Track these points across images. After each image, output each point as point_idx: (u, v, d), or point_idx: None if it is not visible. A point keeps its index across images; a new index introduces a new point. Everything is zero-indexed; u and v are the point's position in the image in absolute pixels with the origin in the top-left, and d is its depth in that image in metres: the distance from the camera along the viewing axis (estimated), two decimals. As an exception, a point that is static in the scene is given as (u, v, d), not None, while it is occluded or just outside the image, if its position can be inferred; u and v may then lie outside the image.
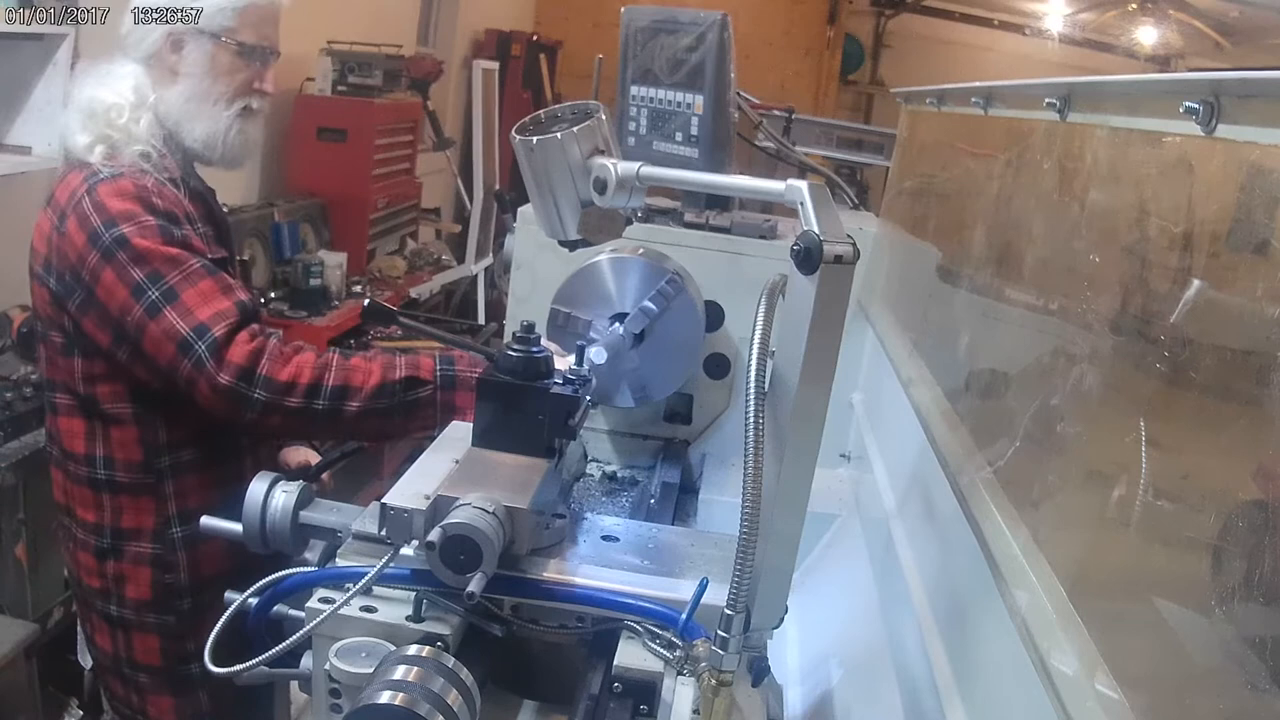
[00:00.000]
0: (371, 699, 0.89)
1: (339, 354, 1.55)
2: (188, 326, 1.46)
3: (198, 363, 1.46)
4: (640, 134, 1.98)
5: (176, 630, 1.69)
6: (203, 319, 1.47)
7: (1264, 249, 0.75)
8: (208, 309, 1.48)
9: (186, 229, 1.55)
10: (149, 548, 1.66)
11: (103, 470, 1.64)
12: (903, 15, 8.67)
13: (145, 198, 1.52)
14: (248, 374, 1.46)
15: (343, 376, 1.51)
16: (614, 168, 1.13)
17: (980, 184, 1.72)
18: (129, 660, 1.71)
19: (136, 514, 1.65)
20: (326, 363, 1.51)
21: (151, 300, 1.47)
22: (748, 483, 0.91)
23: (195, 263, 1.51)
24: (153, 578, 1.67)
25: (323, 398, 1.49)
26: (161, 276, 1.48)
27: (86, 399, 1.61)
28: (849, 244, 0.92)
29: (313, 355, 1.52)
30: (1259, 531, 0.67)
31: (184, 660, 1.70)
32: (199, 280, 1.50)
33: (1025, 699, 0.90)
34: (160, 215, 1.51)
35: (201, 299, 1.48)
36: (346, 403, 1.50)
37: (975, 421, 1.37)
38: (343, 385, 1.50)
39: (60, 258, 1.53)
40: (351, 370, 1.52)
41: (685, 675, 0.98)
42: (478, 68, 6.22)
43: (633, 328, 1.64)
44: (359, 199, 4.65)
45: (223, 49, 1.61)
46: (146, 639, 1.69)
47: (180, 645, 1.70)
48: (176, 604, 1.69)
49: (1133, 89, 1.03)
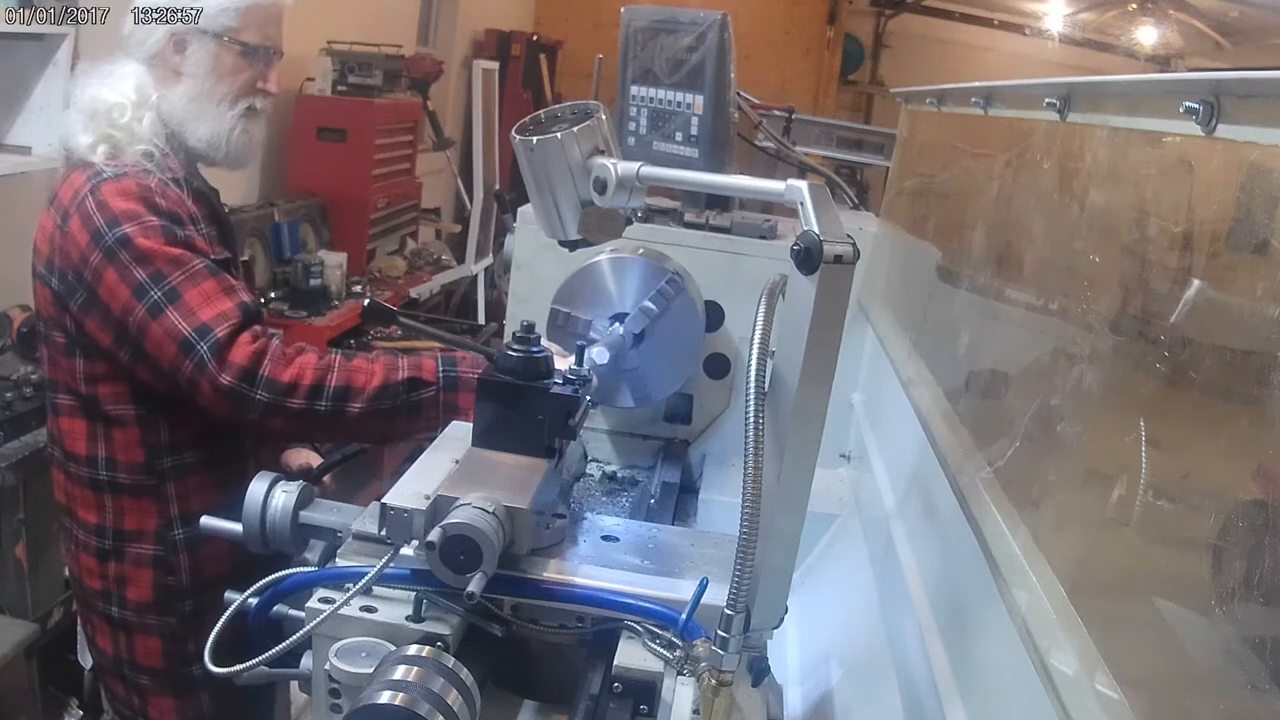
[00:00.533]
0: (371, 699, 0.89)
1: (341, 355, 1.55)
2: (190, 327, 1.46)
3: (199, 363, 1.46)
4: (640, 134, 1.98)
5: (178, 632, 1.69)
6: (205, 319, 1.47)
7: (1264, 249, 0.75)
8: (210, 309, 1.48)
9: (189, 229, 1.55)
10: (151, 549, 1.66)
11: (104, 471, 1.63)
12: (903, 15, 8.67)
13: (149, 198, 1.52)
14: (250, 375, 1.46)
15: (345, 378, 1.51)
16: (614, 168, 1.13)
17: (980, 184, 1.72)
18: (130, 662, 1.71)
19: (138, 515, 1.65)
20: (329, 364, 1.51)
21: (154, 300, 1.47)
22: (748, 483, 0.91)
23: (198, 263, 1.51)
24: (154, 579, 1.67)
25: (325, 399, 1.49)
26: (164, 277, 1.48)
27: (88, 399, 1.61)
28: (849, 244, 0.92)
29: (315, 356, 1.52)
30: (1259, 531, 0.67)
31: (185, 662, 1.70)
32: (202, 280, 1.50)
33: (1025, 699, 0.90)
34: (163, 215, 1.51)
35: (204, 299, 1.48)
36: (349, 404, 1.50)
37: (975, 421, 1.37)
38: (345, 386, 1.50)
39: (63, 257, 1.53)
40: (354, 371, 1.52)
41: (685, 675, 0.98)
42: (478, 68, 6.22)
43: (633, 328, 1.64)
44: (359, 199, 4.65)
45: (225, 49, 1.61)
46: (148, 641, 1.69)
47: (182, 647, 1.70)
48: (178, 606, 1.68)
49: (1133, 89, 1.03)
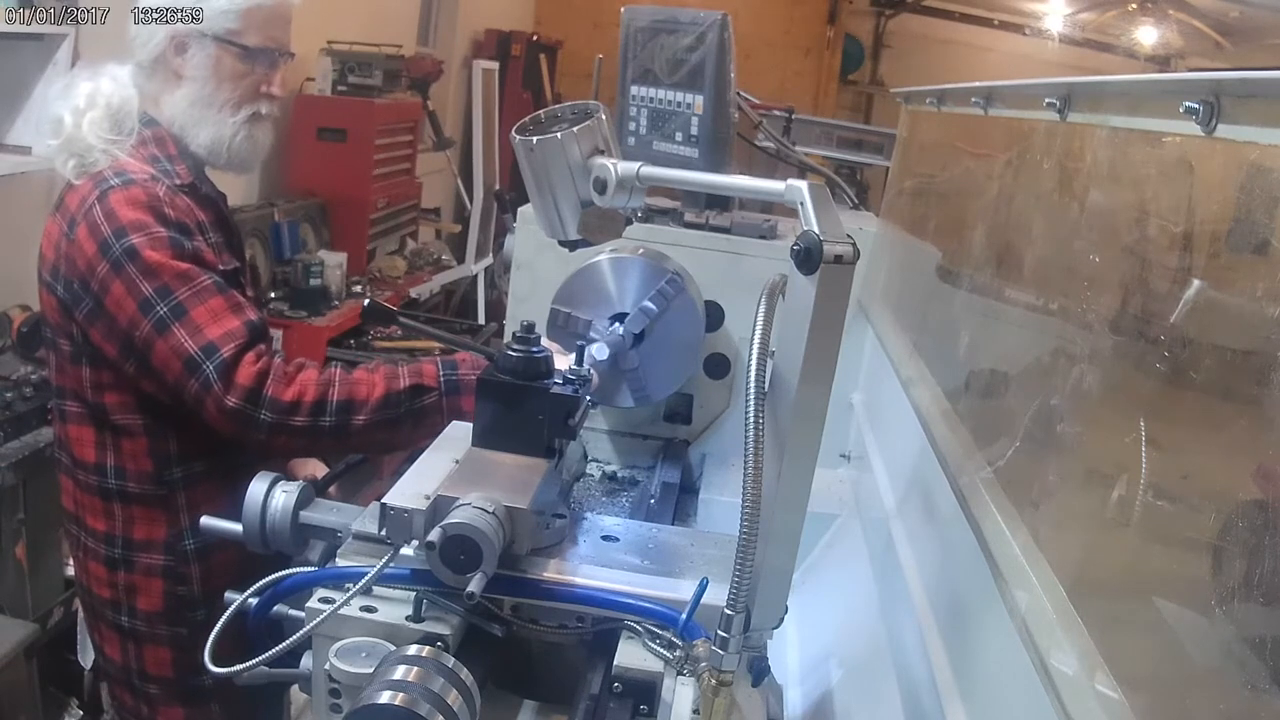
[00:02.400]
0: (371, 699, 0.89)
1: (340, 369, 1.54)
2: (196, 345, 1.45)
3: (205, 383, 1.45)
4: (640, 134, 1.98)
5: (188, 642, 1.67)
6: (212, 338, 1.45)
7: (1264, 249, 0.75)
8: (217, 328, 1.46)
9: (198, 240, 1.53)
10: (161, 559, 1.64)
11: (113, 480, 1.62)
12: (903, 15, 8.67)
13: (157, 207, 1.49)
14: (254, 395, 1.45)
15: (347, 391, 1.50)
16: (614, 168, 1.13)
17: (980, 184, 1.72)
18: (140, 671, 1.69)
19: (148, 525, 1.63)
20: (330, 379, 1.50)
21: (160, 316, 1.46)
22: (748, 483, 0.91)
23: (206, 279, 1.49)
24: (165, 589, 1.65)
25: (329, 414, 1.48)
26: (171, 292, 1.46)
27: (96, 407, 1.59)
28: (849, 244, 0.92)
29: (315, 372, 1.51)
30: (1259, 531, 0.67)
31: (196, 672, 1.66)
32: (209, 298, 1.48)
33: (1025, 699, 0.90)
34: (172, 226, 1.49)
35: (211, 317, 1.47)
36: (353, 417, 1.50)
37: (975, 421, 1.37)
38: (348, 400, 1.49)
39: (69, 265, 1.51)
40: (355, 384, 1.51)
41: (685, 675, 0.98)
42: (478, 68, 6.22)
43: (633, 328, 1.64)
44: (359, 199, 4.65)
45: (226, 52, 1.58)
46: (158, 651, 1.67)
47: (192, 657, 1.66)
48: (189, 615, 1.66)
49: (1133, 89, 1.03)
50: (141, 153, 1.57)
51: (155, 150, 1.59)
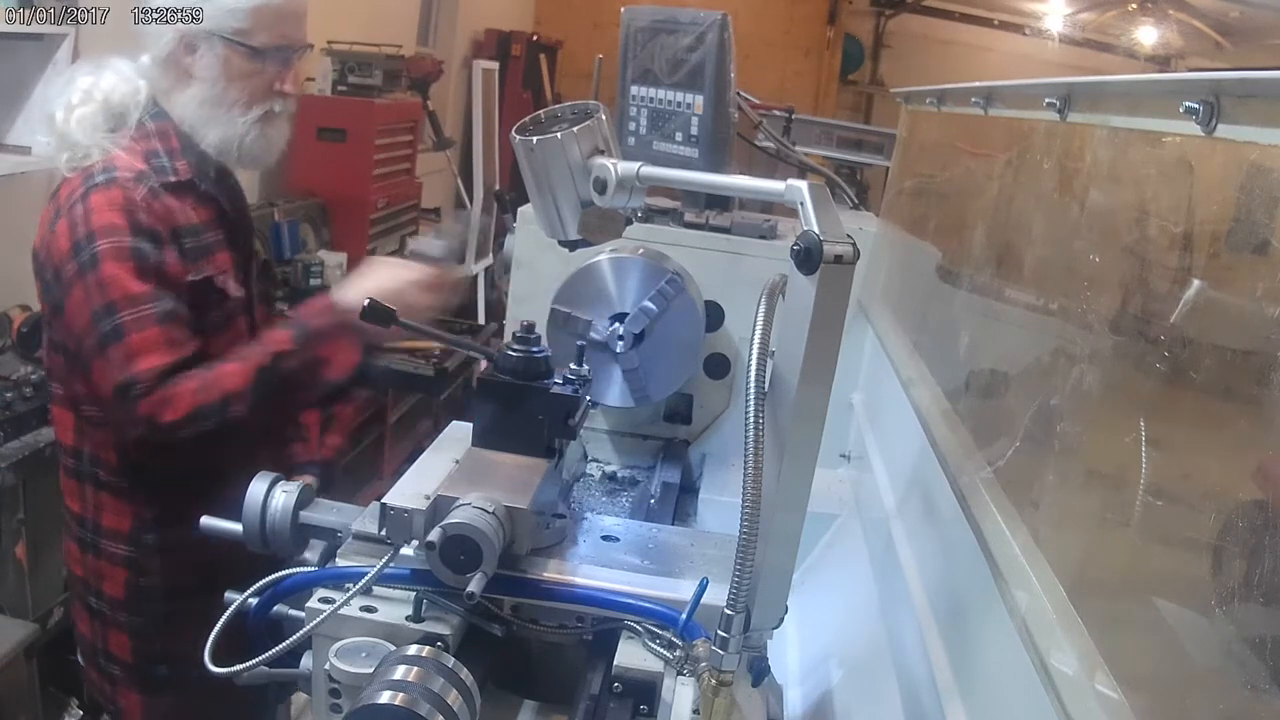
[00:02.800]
0: (371, 699, 0.89)
1: (206, 370, 1.51)
2: (125, 373, 1.45)
3: (125, 412, 1.47)
4: (640, 134, 1.98)
5: (146, 631, 1.68)
6: (137, 370, 1.45)
7: (1264, 249, 0.75)
8: (146, 359, 1.46)
9: (168, 250, 1.52)
10: (124, 549, 1.66)
11: (88, 465, 1.64)
12: (903, 15, 8.67)
13: (133, 212, 1.49)
14: (154, 425, 1.46)
15: (218, 389, 1.48)
16: (614, 168, 1.13)
17: (980, 184, 1.72)
18: (104, 652, 1.72)
19: (115, 514, 1.65)
20: (199, 385, 1.49)
21: (104, 332, 1.47)
22: (748, 483, 0.91)
23: (150, 308, 1.48)
24: (127, 579, 1.67)
25: (210, 418, 1.47)
26: (116, 311, 1.46)
27: (71, 393, 1.62)
28: (849, 244, 0.92)
29: (186, 385, 1.48)
30: (1259, 531, 0.67)
31: (152, 661, 1.69)
32: (148, 327, 1.47)
33: (1025, 699, 0.90)
34: (143, 235, 1.49)
35: (145, 346, 1.46)
36: (232, 409, 1.49)
37: (975, 421, 1.37)
38: (221, 398, 1.48)
39: (46, 254, 1.53)
40: (223, 378, 1.50)
41: (685, 675, 0.98)
42: (478, 68, 6.22)
43: (633, 328, 1.63)
44: (359, 199, 4.65)
45: (235, 52, 1.56)
46: (119, 635, 1.70)
47: (149, 646, 1.69)
48: (148, 607, 1.68)
49: (1133, 89, 1.03)
50: (139, 146, 1.56)
51: (156, 144, 1.58)
